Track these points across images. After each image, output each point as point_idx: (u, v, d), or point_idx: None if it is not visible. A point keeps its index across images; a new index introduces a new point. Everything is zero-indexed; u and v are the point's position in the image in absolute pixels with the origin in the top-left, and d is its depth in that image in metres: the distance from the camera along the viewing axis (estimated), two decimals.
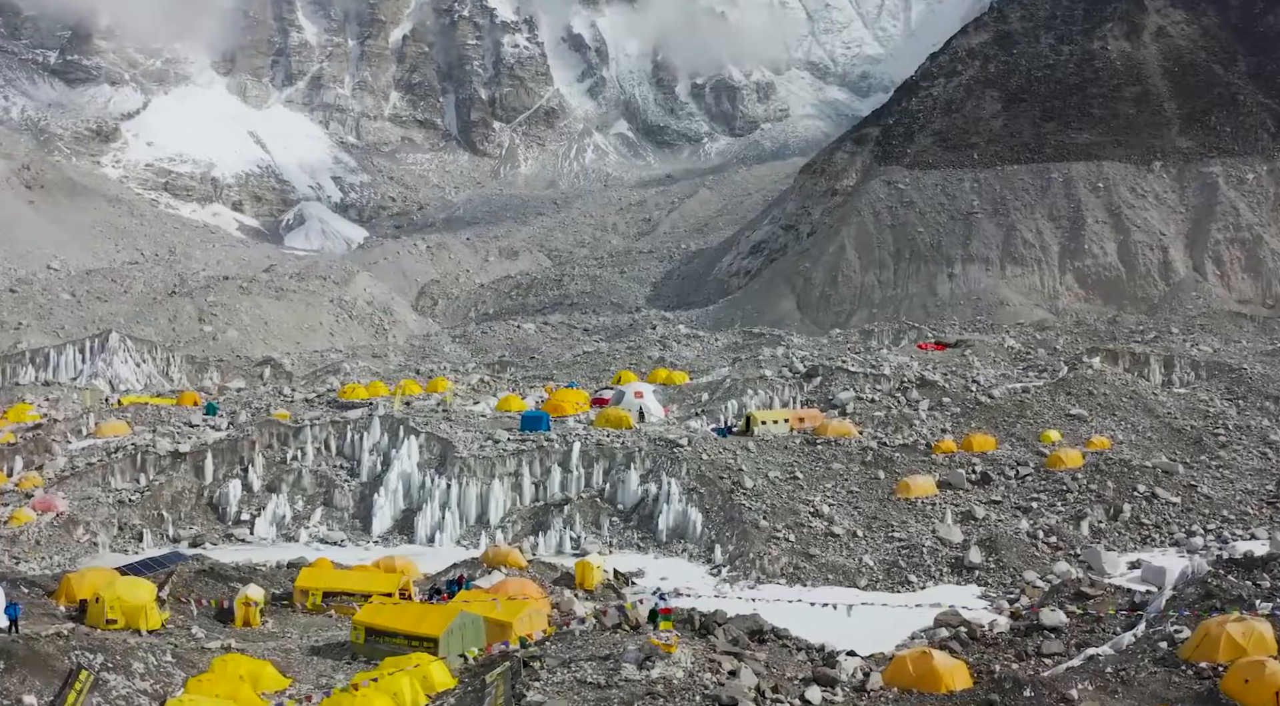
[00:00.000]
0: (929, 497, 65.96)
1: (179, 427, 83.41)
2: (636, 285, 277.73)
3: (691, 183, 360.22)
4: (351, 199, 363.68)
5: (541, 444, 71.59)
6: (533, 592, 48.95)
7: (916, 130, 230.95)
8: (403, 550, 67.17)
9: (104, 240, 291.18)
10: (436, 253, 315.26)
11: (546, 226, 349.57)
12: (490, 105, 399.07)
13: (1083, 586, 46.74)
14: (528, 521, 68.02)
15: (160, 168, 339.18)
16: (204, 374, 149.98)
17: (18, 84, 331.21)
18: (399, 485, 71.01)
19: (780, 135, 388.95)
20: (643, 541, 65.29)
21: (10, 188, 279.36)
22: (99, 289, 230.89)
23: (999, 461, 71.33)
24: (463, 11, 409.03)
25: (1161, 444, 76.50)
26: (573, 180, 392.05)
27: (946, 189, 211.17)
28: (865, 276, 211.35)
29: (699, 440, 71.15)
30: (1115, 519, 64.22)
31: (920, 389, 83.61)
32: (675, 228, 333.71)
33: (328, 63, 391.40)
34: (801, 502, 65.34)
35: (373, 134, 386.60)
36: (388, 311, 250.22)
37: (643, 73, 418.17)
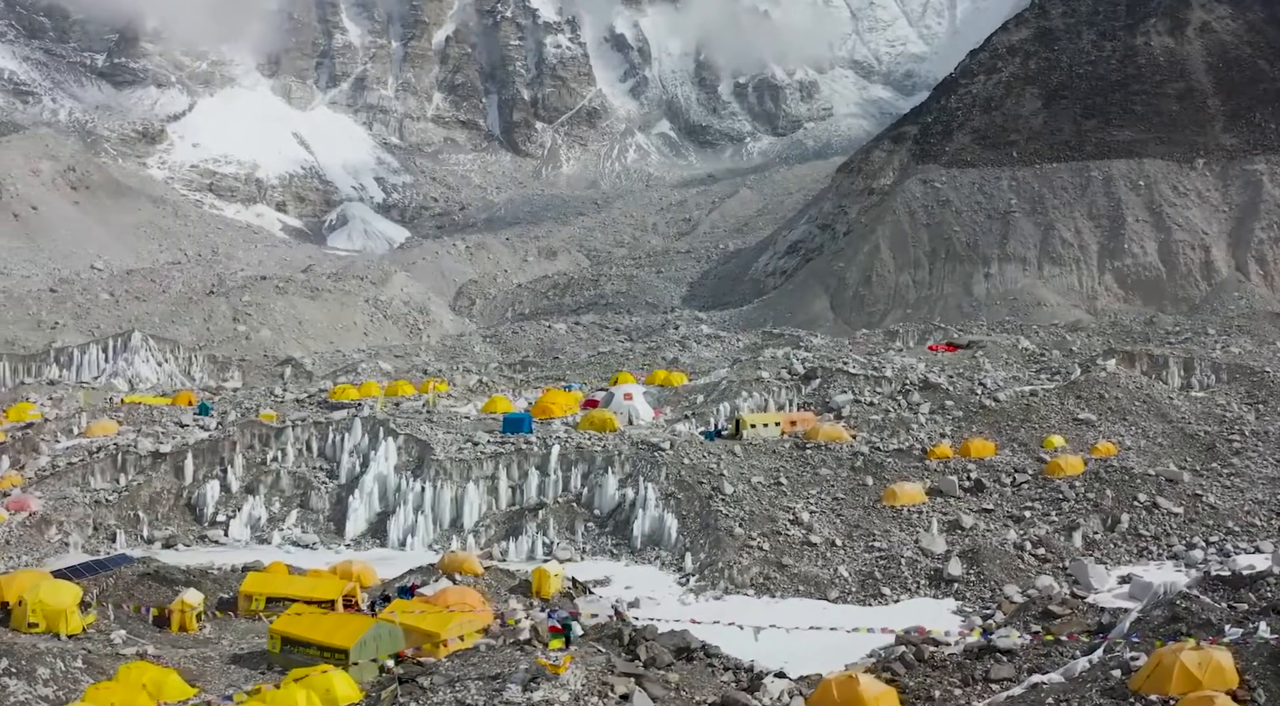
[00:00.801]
0: (916, 505, 62.94)
1: (168, 427, 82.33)
2: (672, 285, 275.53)
3: (732, 182, 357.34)
4: (394, 199, 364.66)
5: (520, 446, 69.47)
6: (473, 602, 46.89)
7: (955, 128, 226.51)
8: (373, 554, 65.44)
9: (147, 241, 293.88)
10: (475, 253, 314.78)
11: (587, 226, 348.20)
12: (532, 106, 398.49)
13: (1052, 604, 43.77)
14: (502, 526, 65.93)
15: (205, 169, 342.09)
16: (225, 373, 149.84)
17: (66, 87, 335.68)
18: (374, 487, 69.26)
19: (823, 134, 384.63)
20: (616, 548, 62.95)
21: (56, 189, 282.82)
22: (138, 289, 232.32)
23: (995, 468, 68.11)
24: (505, 12, 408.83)
25: (1172, 450, 72.78)
26: (614, 180, 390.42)
27: (984, 187, 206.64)
28: (900, 276, 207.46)
29: (682, 444, 68.65)
30: (1112, 530, 60.86)
31: (922, 392, 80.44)
32: (715, 227, 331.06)
33: (371, 64, 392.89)
34: (782, 510, 62.63)
35: (415, 135, 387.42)
36: (423, 311, 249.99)
37: (685, 72, 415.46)
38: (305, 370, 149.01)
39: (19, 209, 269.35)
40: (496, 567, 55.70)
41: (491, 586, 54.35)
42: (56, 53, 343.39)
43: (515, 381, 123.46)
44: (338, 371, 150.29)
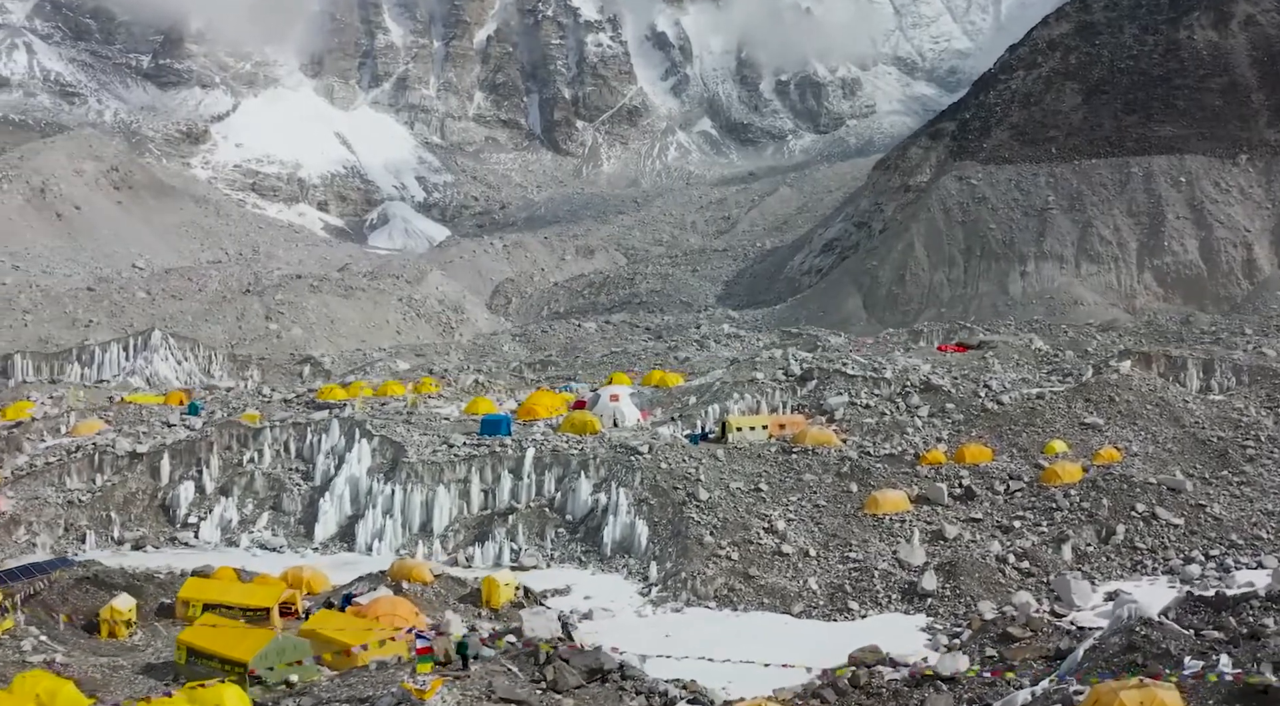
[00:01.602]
0: (899, 514, 59.77)
1: (154, 427, 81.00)
2: (708, 284, 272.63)
3: (773, 180, 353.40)
4: (434, 198, 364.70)
5: (495, 449, 67.14)
6: (404, 614, 44.66)
7: (993, 124, 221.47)
8: (339, 559, 63.60)
9: (189, 240, 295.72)
10: (513, 251, 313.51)
11: (626, 225, 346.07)
12: (573, 104, 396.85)
13: (1014, 625, 40.63)
14: (471, 530, 63.66)
15: (248, 169, 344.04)
16: (245, 372, 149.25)
17: (111, 88, 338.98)
18: (346, 490, 67.29)
19: (866, 132, 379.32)
20: (585, 555, 60.42)
21: (99, 189, 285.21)
22: (174, 287, 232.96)
23: (990, 474, 64.72)
24: (546, 11, 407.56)
25: (1181, 456, 68.84)
26: (655, 178, 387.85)
27: (1021, 184, 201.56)
28: (934, 275, 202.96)
29: (661, 447, 65.93)
30: (1106, 542, 57.34)
31: (923, 394, 77.01)
32: (754, 226, 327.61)
33: (413, 64, 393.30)
34: (758, 517, 59.77)
35: (457, 134, 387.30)
36: (458, 310, 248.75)
37: (726, 70, 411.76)
38: (324, 369, 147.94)
39: (62, 209, 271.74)
40: (447, 575, 53.43)
41: (440, 595, 52.14)
42: (102, 54, 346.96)
43: (525, 381, 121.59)
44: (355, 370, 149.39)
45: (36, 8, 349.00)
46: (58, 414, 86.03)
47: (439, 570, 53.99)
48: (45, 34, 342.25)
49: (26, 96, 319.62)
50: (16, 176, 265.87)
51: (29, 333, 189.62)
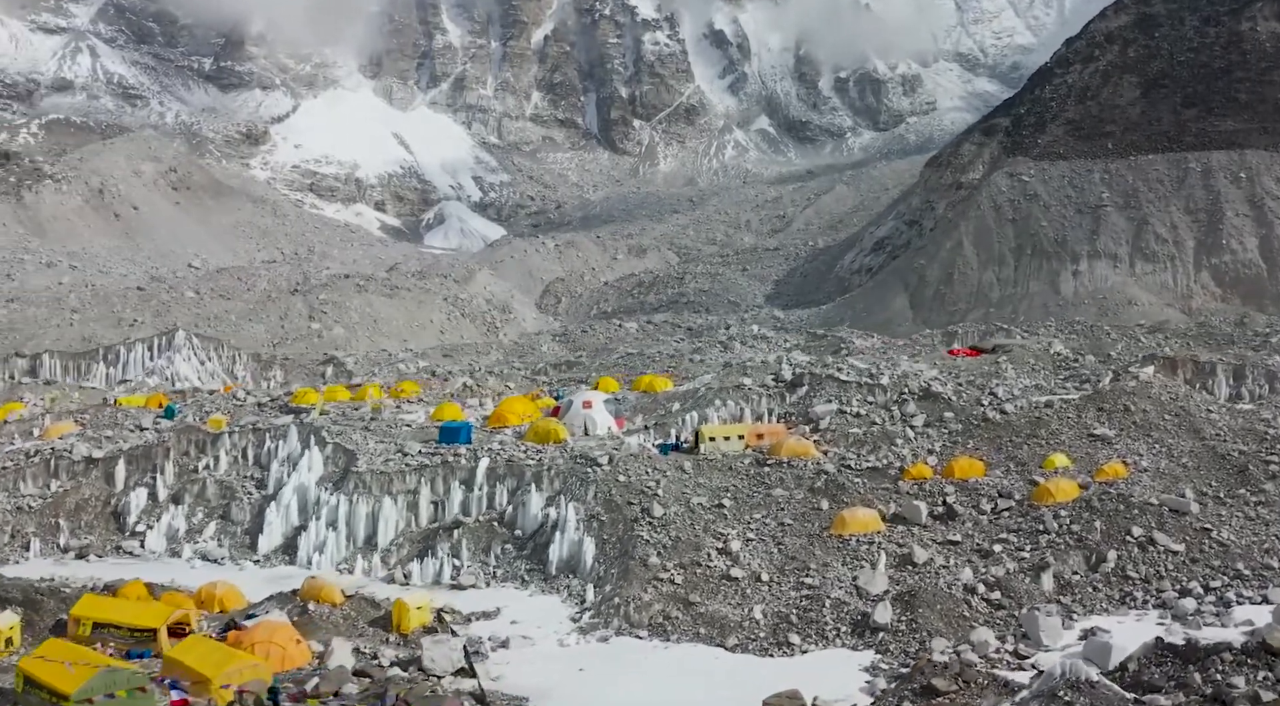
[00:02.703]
0: (868, 535, 54.22)
1: (122, 432, 77.96)
2: (757, 283, 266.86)
3: (829, 179, 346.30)
4: (491, 198, 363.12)
5: (448, 459, 62.80)
6: (281, 640, 40.68)
7: (1049, 119, 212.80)
8: (279, 572, 59.73)
9: (245, 240, 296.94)
10: (564, 250, 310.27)
11: (680, 224, 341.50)
12: (630, 103, 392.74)
13: (941, 676, 35.16)
14: (416, 545, 59.35)
15: (306, 169, 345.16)
16: (268, 372, 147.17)
17: (173, 90, 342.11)
18: (293, 499, 63.43)
19: (926, 129, 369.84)
20: (529, 574, 55.77)
21: (157, 189, 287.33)
22: (223, 287, 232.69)
23: (977, 491, 58.86)
24: (604, 10, 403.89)
25: (1196, 472, 62.27)
26: (712, 177, 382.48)
27: (1074, 181, 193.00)
28: (983, 274, 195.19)
29: (624, 458, 61.04)
30: (1095, 569, 51.30)
31: (920, 401, 71.13)
32: (809, 225, 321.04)
33: (471, 64, 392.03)
34: (714, 536, 54.66)
35: (514, 134, 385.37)
36: (505, 310, 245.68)
37: (785, 67, 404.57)
38: (346, 369, 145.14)
39: (120, 209, 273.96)
40: (360, 597, 49.26)
41: (349, 618, 48.07)
42: (165, 57, 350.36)
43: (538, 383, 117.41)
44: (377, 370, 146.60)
45: (100, 11, 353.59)
46: (33, 416, 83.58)
47: (352, 591, 49.86)
48: (109, 37, 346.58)
49: (90, 99, 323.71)
50: (76, 177, 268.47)
51: (73, 332, 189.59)
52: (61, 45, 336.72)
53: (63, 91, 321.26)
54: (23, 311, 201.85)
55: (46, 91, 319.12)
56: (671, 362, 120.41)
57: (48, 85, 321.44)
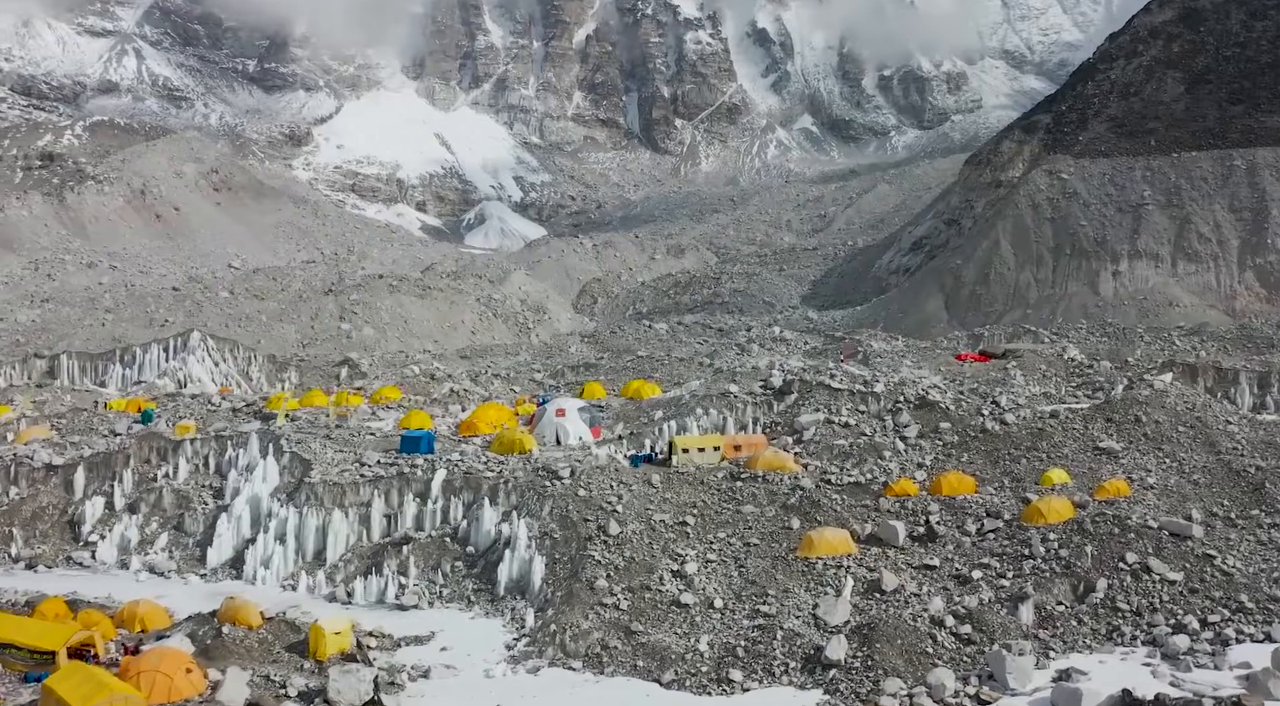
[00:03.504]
0: (836, 558, 49.73)
1: (92, 438, 75.43)
2: (794, 284, 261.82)
3: (871, 178, 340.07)
4: (531, 198, 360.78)
5: (404, 470, 59.20)
6: (168, 669, 37.32)
7: (1090, 116, 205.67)
8: (224, 587, 56.46)
9: (285, 240, 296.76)
10: (602, 251, 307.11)
11: (720, 224, 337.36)
12: (672, 103, 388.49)
13: None
14: (365, 560, 55.80)
15: (348, 170, 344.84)
16: (283, 374, 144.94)
17: (218, 92, 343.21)
18: (245, 510, 60.19)
19: (971, 127, 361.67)
20: (477, 594, 51.93)
21: (198, 190, 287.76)
22: (258, 287, 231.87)
23: (964, 510, 54.10)
24: (646, 10, 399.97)
25: (1208, 489, 57.12)
26: (754, 177, 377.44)
27: (1115, 178, 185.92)
28: (1021, 274, 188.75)
29: (588, 471, 57.01)
30: (1081, 600, 46.43)
31: (916, 411, 66.38)
32: (850, 224, 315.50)
33: (513, 65, 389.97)
34: (671, 557, 50.50)
35: (555, 134, 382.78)
36: (539, 310, 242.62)
37: (828, 66, 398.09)
38: (360, 371, 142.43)
39: (162, 210, 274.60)
40: (280, 619, 45.74)
41: (265, 643, 44.56)
42: (210, 59, 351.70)
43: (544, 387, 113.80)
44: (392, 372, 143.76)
45: (146, 14, 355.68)
46: (6, 421, 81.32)
47: (273, 612, 46.41)
48: (154, 40, 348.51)
49: (135, 101, 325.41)
50: (118, 179, 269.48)
51: (104, 332, 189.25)
52: (108, 48, 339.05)
53: (108, 93, 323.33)
54: (56, 311, 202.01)
55: (92, 93, 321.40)
56: (681, 366, 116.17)
57: (94, 87, 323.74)
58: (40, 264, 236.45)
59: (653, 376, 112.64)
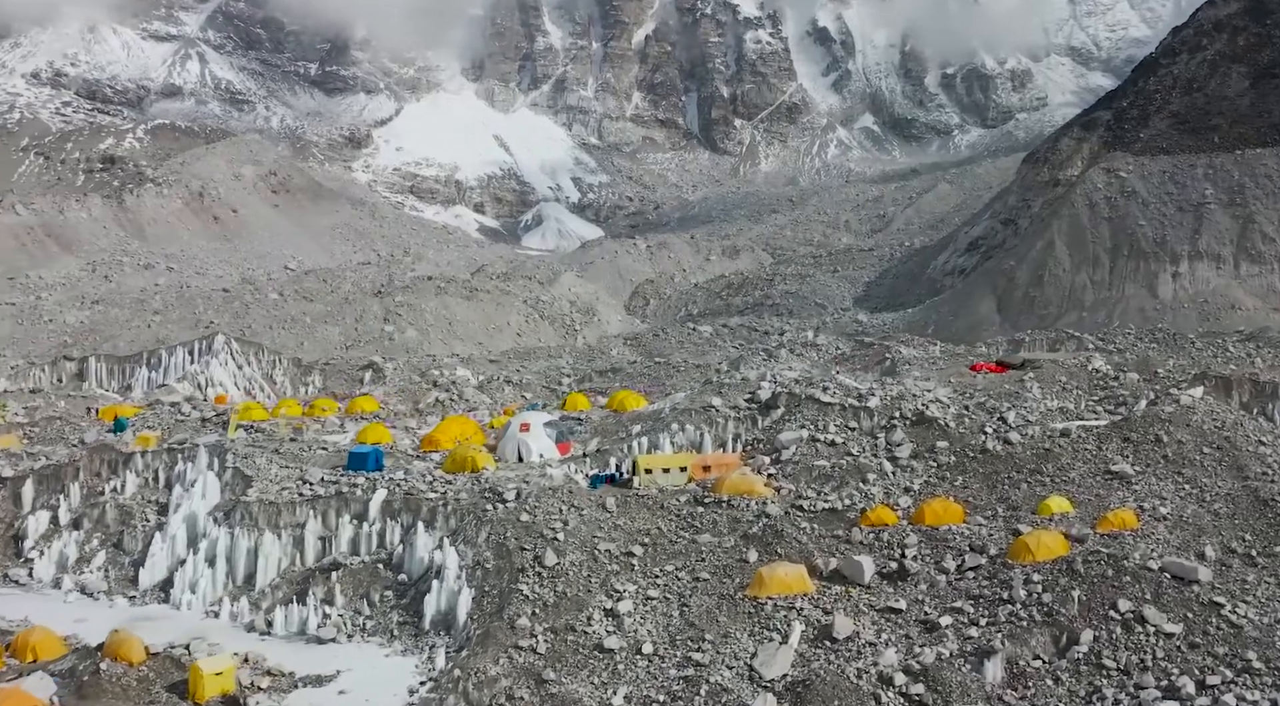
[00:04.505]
0: (789, 598, 43.92)
1: (66, 446, 72.04)
2: (847, 285, 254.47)
3: (932, 177, 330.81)
4: (589, 199, 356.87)
5: (343, 489, 54.55)
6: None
7: (1152, 112, 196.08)
8: (147, 612, 52.45)
9: (342, 242, 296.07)
10: (656, 252, 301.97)
11: (778, 224, 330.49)
12: (732, 102, 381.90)
13: None
14: (293, 587, 51.23)
15: (407, 171, 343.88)
16: (308, 377, 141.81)
17: (280, 95, 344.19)
18: (182, 529, 56.02)
19: (1036, 125, 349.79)
20: (401, 627, 47.06)
21: (257, 192, 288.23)
22: (307, 289, 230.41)
23: (945, 543, 47.93)
24: (705, 9, 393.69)
25: (1230, 521, 50.26)
26: (813, 176, 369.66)
27: (1175, 177, 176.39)
28: (1076, 275, 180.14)
29: (537, 493, 51.82)
30: (1063, 654, 40.16)
31: (913, 428, 60.09)
32: (909, 224, 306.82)
33: (571, 66, 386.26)
34: (608, 593, 45.13)
35: (614, 134, 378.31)
36: (588, 312, 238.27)
37: (890, 64, 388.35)
38: (384, 375, 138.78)
39: (220, 212, 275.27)
40: (164, 655, 41.34)
41: (145, 681, 40.16)
42: (272, 63, 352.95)
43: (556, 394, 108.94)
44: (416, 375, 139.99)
45: (210, 19, 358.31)
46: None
47: (180, 643, 42.19)
48: (217, 44, 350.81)
49: (198, 104, 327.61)
50: (177, 181, 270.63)
51: (149, 334, 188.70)
52: (171, 52, 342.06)
53: (172, 97, 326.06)
54: (106, 313, 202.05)
55: (156, 97, 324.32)
56: (699, 373, 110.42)
57: (157, 91, 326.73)
58: (98, 265, 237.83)
59: (665, 382, 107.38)
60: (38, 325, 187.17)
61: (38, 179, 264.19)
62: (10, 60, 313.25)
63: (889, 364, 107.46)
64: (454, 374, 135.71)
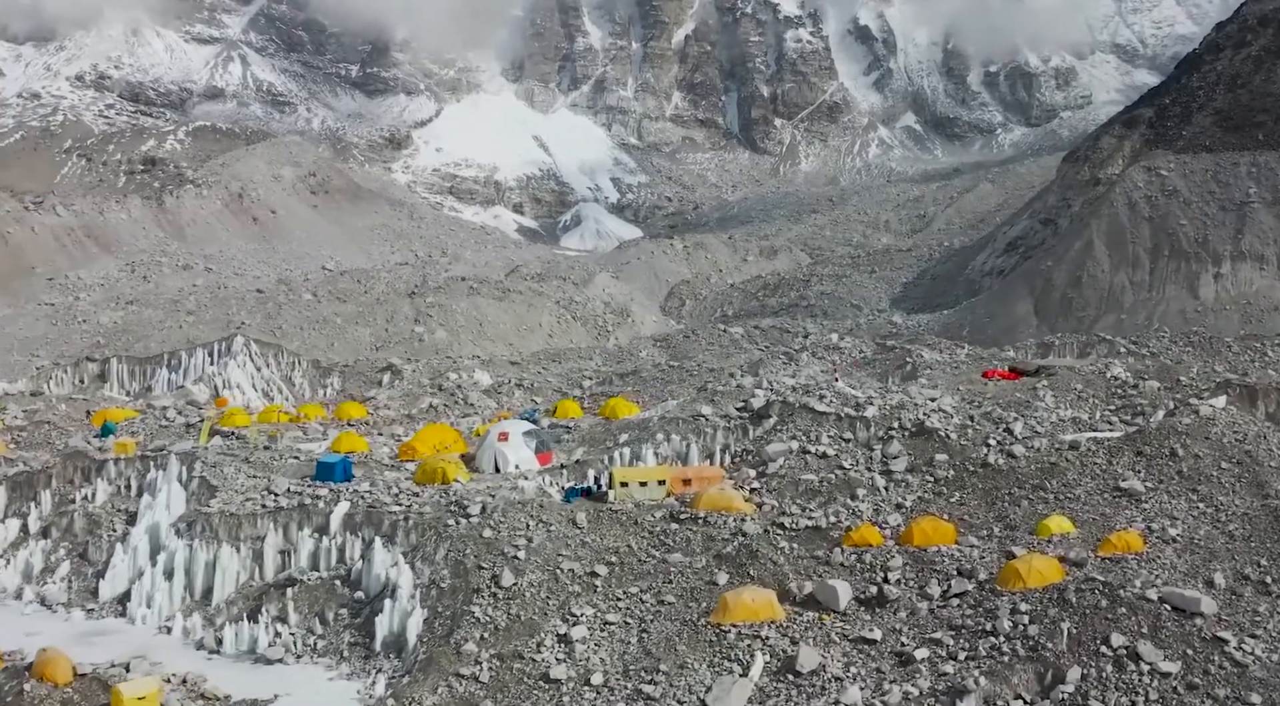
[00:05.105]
0: (755, 625, 40.67)
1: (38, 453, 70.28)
2: (884, 286, 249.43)
3: (974, 176, 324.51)
4: (628, 199, 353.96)
5: (305, 501, 52.01)
6: None
7: (1195, 109, 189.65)
8: (102, 627, 50.45)
9: (380, 242, 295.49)
10: (693, 252, 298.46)
11: (818, 224, 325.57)
12: (772, 102, 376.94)
13: None
14: (249, 603, 48.80)
15: (446, 172, 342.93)
16: (327, 379, 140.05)
17: (321, 97, 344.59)
18: (144, 540, 53.82)
19: (1080, 124, 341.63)
20: (352, 648, 44.48)
21: (296, 193, 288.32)
22: (341, 289, 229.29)
23: (932, 566, 44.47)
24: (745, 8, 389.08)
25: (1245, 544, 46.34)
26: (854, 176, 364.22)
27: (1218, 175, 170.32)
28: (1115, 277, 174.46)
29: (506, 507, 48.96)
30: (1046, 694, 36.65)
31: (911, 440, 56.50)
32: (950, 224, 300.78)
33: (611, 66, 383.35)
34: (564, 617, 42.16)
35: (654, 134, 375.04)
36: (622, 313, 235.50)
37: (932, 62, 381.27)
38: (403, 377, 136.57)
39: (258, 212, 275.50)
40: (92, 677, 39.01)
41: (69, 703, 37.80)
42: (313, 64, 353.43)
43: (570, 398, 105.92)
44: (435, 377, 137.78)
45: (252, 21, 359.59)
46: None
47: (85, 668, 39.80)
48: (260, 46, 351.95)
49: (240, 106, 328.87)
50: (216, 182, 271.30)
51: (181, 334, 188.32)
52: (214, 55, 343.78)
53: (214, 99, 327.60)
54: (139, 313, 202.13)
55: (198, 99, 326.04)
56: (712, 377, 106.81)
57: (200, 93, 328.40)
58: (136, 266, 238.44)
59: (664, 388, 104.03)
60: (71, 325, 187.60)
61: (79, 180, 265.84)
62: (55, 63, 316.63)
63: (909, 368, 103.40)
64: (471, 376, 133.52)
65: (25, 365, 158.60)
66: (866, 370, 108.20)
